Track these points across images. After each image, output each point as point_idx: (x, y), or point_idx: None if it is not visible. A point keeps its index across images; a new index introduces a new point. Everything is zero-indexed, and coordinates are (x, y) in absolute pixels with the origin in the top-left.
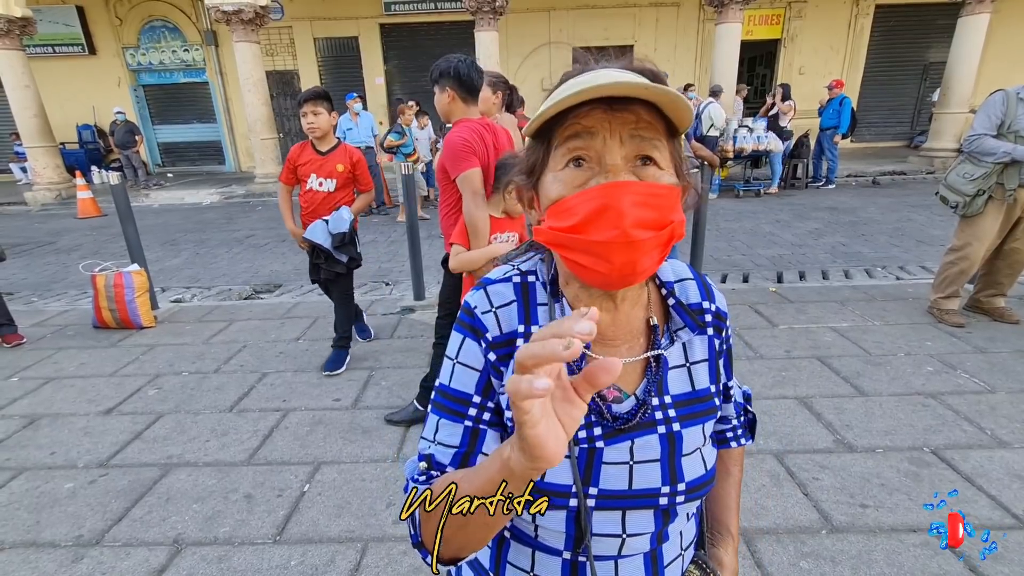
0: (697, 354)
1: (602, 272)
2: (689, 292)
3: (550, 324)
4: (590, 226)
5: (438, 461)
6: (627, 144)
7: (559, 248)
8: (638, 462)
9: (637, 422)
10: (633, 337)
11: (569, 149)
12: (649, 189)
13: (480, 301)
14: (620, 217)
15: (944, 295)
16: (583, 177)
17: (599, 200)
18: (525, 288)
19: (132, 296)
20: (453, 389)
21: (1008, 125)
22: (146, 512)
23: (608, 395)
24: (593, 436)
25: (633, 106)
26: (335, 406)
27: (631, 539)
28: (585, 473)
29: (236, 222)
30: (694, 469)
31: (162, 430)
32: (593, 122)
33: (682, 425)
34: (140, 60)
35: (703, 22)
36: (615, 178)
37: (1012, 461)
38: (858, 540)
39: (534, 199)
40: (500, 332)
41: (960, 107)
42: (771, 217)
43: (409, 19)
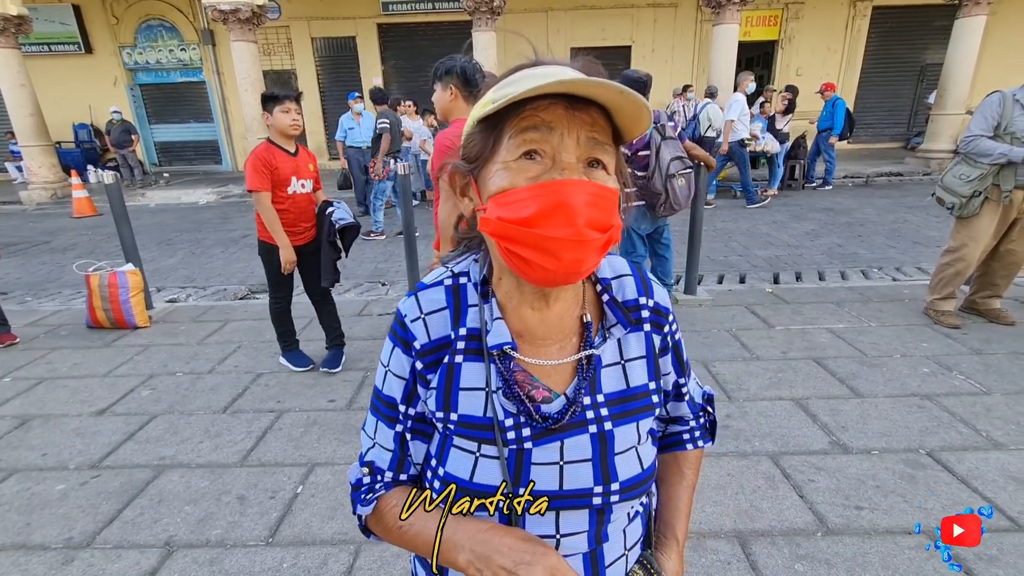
0: (633, 351)
1: (548, 268)
2: (626, 288)
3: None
4: (543, 221)
5: (377, 466)
6: (583, 145)
7: (506, 240)
8: (568, 462)
9: (566, 422)
10: (565, 336)
11: (525, 140)
12: (598, 190)
13: (410, 309)
14: (574, 215)
15: (940, 296)
16: (536, 170)
17: (555, 196)
18: (457, 291)
19: (127, 296)
20: (385, 394)
21: (1004, 127)
22: (138, 514)
23: (537, 395)
24: (522, 437)
25: (590, 108)
26: (330, 407)
27: (566, 539)
28: (515, 474)
29: (232, 222)
30: (629, 468)
31: (155, 431)
32: (553, 117)
33: (614, 424)
34: (137, 59)
35: (701, 23)
36: (570, 176)
37: (1007, 463)
38: (853, 542)
39: (470, 186)
40: (429, 339)
41: (957, 108)
42: (768, 218)
43: (407, 19)
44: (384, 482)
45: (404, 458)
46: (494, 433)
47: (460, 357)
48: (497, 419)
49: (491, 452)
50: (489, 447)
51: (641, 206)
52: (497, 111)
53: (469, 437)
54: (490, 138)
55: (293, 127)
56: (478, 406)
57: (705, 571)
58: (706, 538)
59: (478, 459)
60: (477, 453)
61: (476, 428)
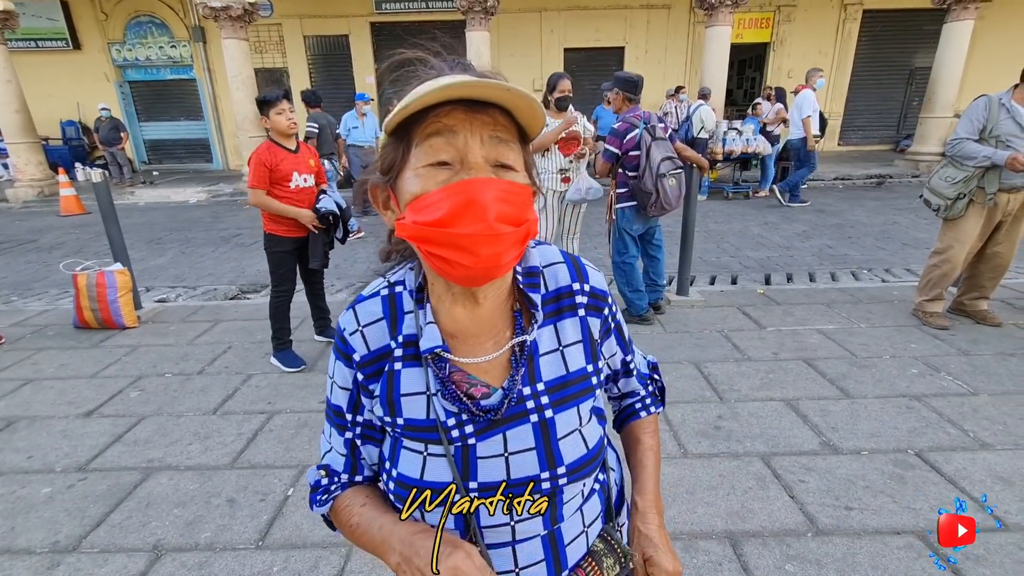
0: (569, 336)
1: (467, 265)
2: (559, 275)
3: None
4: (456, 219)
5: (333, 469)
6: (487, 145)
7: (423, 243)
8: (513, 453)
9: (504, 414)
10: (498, 331)
11: (432, 147)
12: (509, 186)
13: (348, 322)
14: (485, 211)
15: (928, 298)
16: (445, 174)
17: (464, 195)
18: (393, 300)
19: (115, 296)
20: (333, 404)
21: (990, 130)
22: (125, 517)
23: (476, 392)
24: (465, 434)
25: (490, 109)
26: (321, 408)
27: (520, 524)
28: (463, 469)
29: (223, 221)
30: (574, 451)
31: (143, 433)
32: (454, 121)
33: (555, 411)
34: (126, 56)
35: (693, 25)
36: (477, 175)
37: (994, 463)
38: (843, 542)
39: (390, 198)
40: (368, 351)
41: (945, 112)
42: (759, 219)
43: (400, 18)
44: (340, 483)
45: (357, 462)
46: (438, 433)
47: (399, 364)
48: (440, 420)
49: (438, 451)
50: (436, 446)
51: (633, 206)
52: (405, 122)
53: (416, 439)
54: (400, 148)
55: (290, 126)
56: (420, 409)
57: (697, 572)
58: (697, 539)
59: (426, 458)
60: (425, 452)
61: (421, 430)
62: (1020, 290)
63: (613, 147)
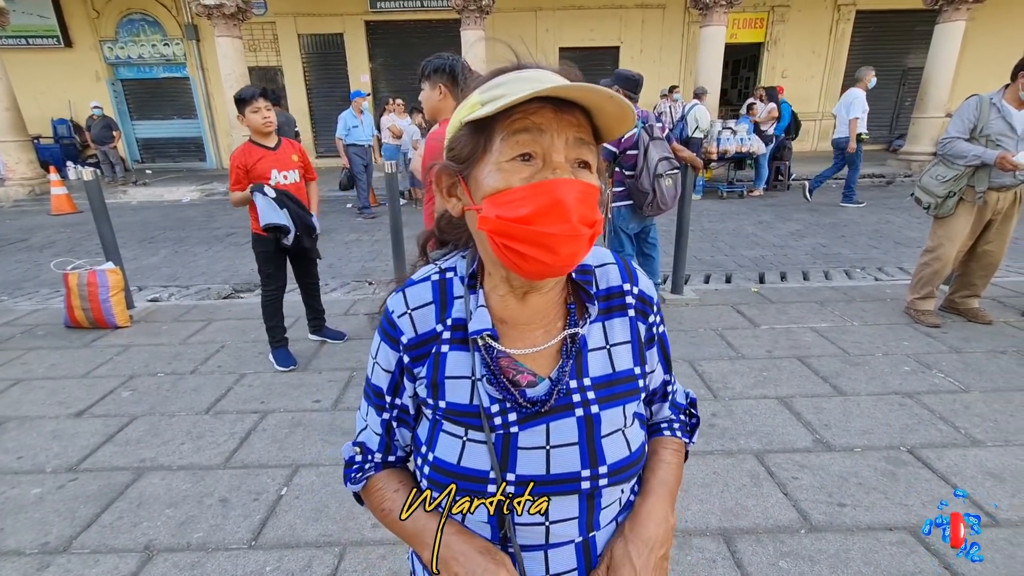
0: (618, 335)
1: (546, 262)
2: (610, 275)
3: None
4: (541, 218)
5: (368, 447)
6: (571, 146)
7: (504, 237)
8: (555, 446)
9: (552, 405)
10: (550, 321)
11: (518, 143)
12: (588, 188)
13: (397, 305)
14: (569, 212)
15: (920, 296)
16: (528, 171)
17: (551, 195)
18: (443, 285)
19: (106, 295)
20: (373, 384)
21: (980, 129)
22: (116, 518)
23: (522, 380)
24: (508, 422)
25: (575, 110)
26: (315, 407)
27: (555, 526)
28: (502, 458)
29: (217, 220)
30: (616, 451)
31: (135, 433)
32: (543, 120)
33: (601, 407)
34: (119, 54)
35: (688, 24)
36: (561, 175)
37: (985, 459)
38: (836, 539)
39: (458, 186)
40: (416, 334)
41: (937, 112)
42: (754, 218)
43: (395, 16)
44: (374, 463)
45: (391, 442)
46: (481, 419)
47: (446, 347)
48: (483, 406)
49: (478, 437)
50: (476, 432)
51: (630, 205)
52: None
53: (457, 423)
54: (480, 140)
55: (266, 125)
56: (464, 393)
57: (691, 569)
58: (692, 536)
59: (465, 443)
60: (464, 438)
61: (463, 415)
62: (1011, 288)
63: (611, 146)
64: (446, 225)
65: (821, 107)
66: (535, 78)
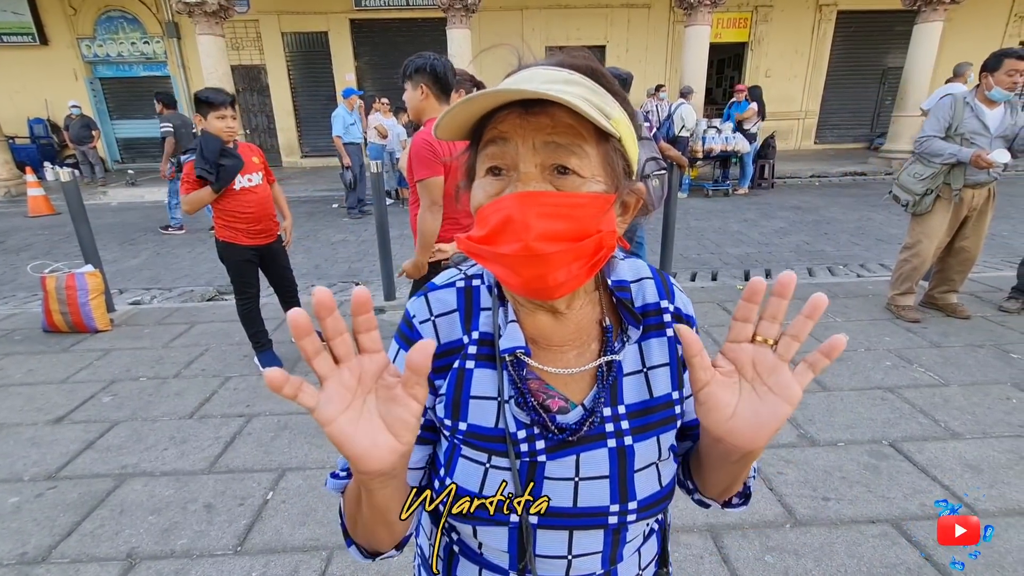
0: (655, 358)
1: (514, 284)
2: (647, 292)
3: None
4: (498, 237)
5: None
6: (540, 151)
7: (475, 258)
8: (584, 479)
9: (584, 434)
10: (584, 342)
11: (488, 156)
12: (560, 199)
13: (419, 310)
14: (524, 230)
15: (900, 292)
16: (499, 186)
17: (504, 211)
18: (469, 293)
19: (86, 299)
20: None
21: (955, 128)
22: (97, 526)
23: (552, 405)
24: (535, 450)
25: (550, 109)
26: (301, 410)
27: (578, 560)
28: (526, 488)
29: (200, 221)
30: (648, 486)
31: (116, 439)
32: (508, 127)
33: (635, 439)
34: (97, 52)
35: (673, 24)
36: (525, 187)
37: (963, 451)
38: (820, 533)
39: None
40: (439, 343)
41: (916, 110)
42: (739, 216)
43: (380, 15)
44: None
45: None
46: (506, 445)
47: (471, 363)
48: (509, 431)
49: (502, 463)
50: (500, 459)
51: None
52: (477, 126)
53: (479, 448)
54: (472, 156)
55: (228, 133)
56: (489, 416)
57: (679, 566)
58: (679, 533)
59: (488, 470)
60: (487, 464)
61: (487, 439)
62: (987, 283)
63: None
64: None
65: (804, 106)
66: (510, 83)
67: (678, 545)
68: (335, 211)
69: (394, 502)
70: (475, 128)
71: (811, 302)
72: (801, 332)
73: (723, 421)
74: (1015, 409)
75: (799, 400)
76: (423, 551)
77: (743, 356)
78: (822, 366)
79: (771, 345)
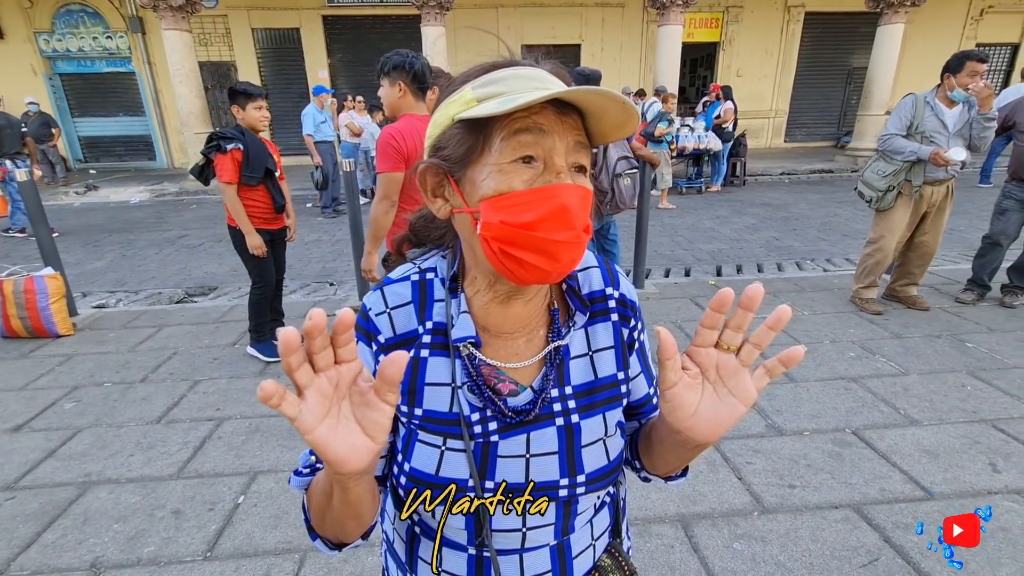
0: (601, 341)
1: (546, 270)
2: (592, 279)
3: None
4: (547, 224)
5: None
6: (572, 150)
7: (506, 243)
8: (535, 455)
9: (534, 415)
10: (533, 328)
11: (521, 144)
12: (587, 193)
13: (376, 303)
14: (574, 219)
15: (864, 285)
16: (530, 174)
17: (557, 201)
18: (423, 285)
19: (46, 303)
20: None
21: (916, 126)
22: (59, 536)
23: (503, 389)
24: (488, 431)
25: (573, 113)
26: (273, 413)
27: (532, 532)
28: (481, 467)
29: (168, 221)
30: (595, 460)
31: (80, 446)
32: (545, 121)
33: (581, 416)
34: (56, 46)
35: (647, 23)
36: (563, 180)
37: (921, 438)
38: (786, 519)
39: (446, 187)
40: (394, 334)
41: (880, 109)
42: (712, 213)
43: (353, 11)
44: None
45: None
46: (460, 428)
47: (426, 352)
48: (463, 414)
49: (457, 446)
50: (455, 441)
51: None
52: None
53: (435, 432)
54: (478, 139)
55: (263, 123)
56: (444, 401)
57: (650, 555)
58: (651, 523)
59: (444, 453)
60: (443, 447)
61: (442, 423)
62: (945, 276)
63: None
64: (422, 227)
65: (774, 105)
66: (535, 76)
67: (649, 535)
68: (309, 210)
69: (367, 495)
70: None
71: (776, 314)
72: (763, 341)
73: (685, 419)
74: (969, 396)
75: (754, 401)
76: (388, 536)
77: (707, 360)
78: (778, 373)
79: (734, 352)
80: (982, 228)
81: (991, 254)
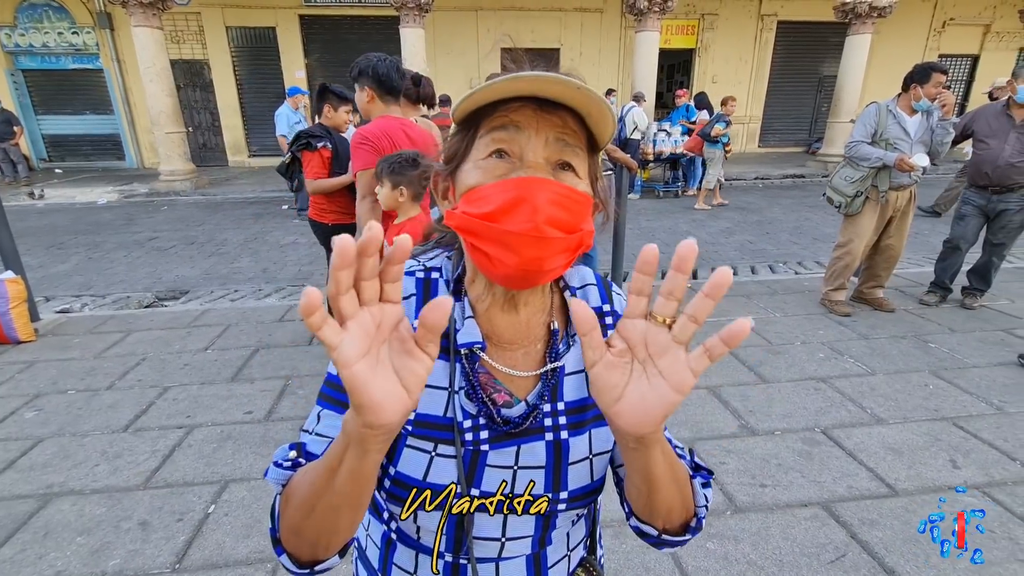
0: None
1: (509, 265)
2: (590, 297)
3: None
4: (504, 215)
5: (309, 451)
6: (551, 146)
7: (469, 234)
8: (522, 467)
9: (526, 428)
10: (531, 342)
11: (494, 139)
12: (565, 190)
13: None
14: (535, 211)
15: (833, 288)
16: (503, 169)
17: (516, 191)
18: (428, 284)
19: (6, 308)
20: (338, 378)
21: (880, 134)
22: (18, 551)
23: (498, 399)
24: (479, 439)
25: (561, 112)
26: (246, 419)
27: (511, 542)
28: (469, 474)
29: (137, 223)
30: (579, 478)
31: (41, 456)
32: (522, 117)
33: (571, 433)
34: (18, 41)
35: (625, 29)
36: (534, 174)
37: (887, 436)
38: (757, 518)
39: (450, 188)
40: None
41: (849, 116)
42: (688, 217)
43: (331, 12)
44: None
45: None
46: (452, 433)
47: None
48: (457, 419)
49: (448, 452)
50: (446, 447)
51: None
52: (475, 114)
53: (426, 437)
54: (465, 138)
55: (347, 126)
56: (439, 406)
57: (625, 556)
58: (625, 525)
59: (433, 458)
60: (433, 452)
61: (435, 428)
62: (910, 279)
63: None
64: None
65: (749, 111)
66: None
67: (624, 537)
68: (285, 212)
69: (375, 474)
70: (473, 115)
71: (714, 278)
72: (700, 313)
73: (611, 403)
74: (932, 395)
75: (690, 388)
76: (359, 542)
77: (635, 334)
78: (720, 352)
79: (667, 325)
80: (944, 231)
81: (952, 258)
